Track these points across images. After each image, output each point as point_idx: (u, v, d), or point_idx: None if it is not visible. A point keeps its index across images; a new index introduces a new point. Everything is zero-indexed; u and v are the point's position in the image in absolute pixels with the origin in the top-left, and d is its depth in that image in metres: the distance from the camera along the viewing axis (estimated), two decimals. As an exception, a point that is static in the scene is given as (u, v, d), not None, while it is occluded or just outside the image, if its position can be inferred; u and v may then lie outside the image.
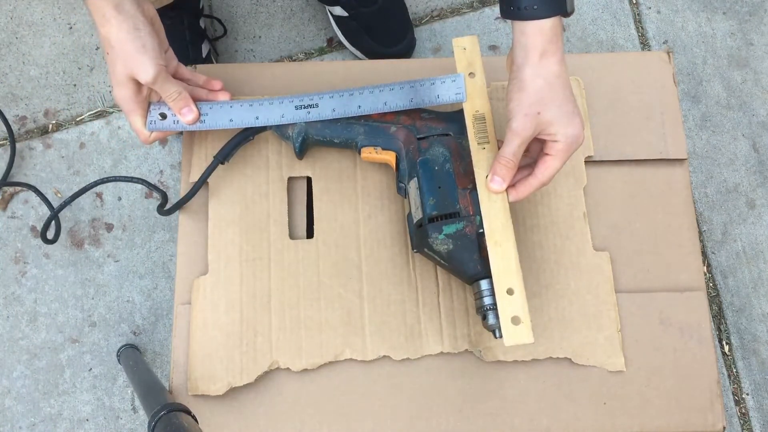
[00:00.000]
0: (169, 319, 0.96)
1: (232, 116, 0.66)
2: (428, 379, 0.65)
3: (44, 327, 0.96)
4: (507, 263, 0.58)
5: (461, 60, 0.64)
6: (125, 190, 1.01)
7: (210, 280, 0.67)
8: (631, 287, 0.68)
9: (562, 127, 0.57)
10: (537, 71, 0.57)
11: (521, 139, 0.57)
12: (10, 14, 1.08)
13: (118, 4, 0.59)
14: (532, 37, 0.57)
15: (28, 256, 0.99)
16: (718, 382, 0.66)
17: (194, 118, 0.65)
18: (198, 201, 0.70)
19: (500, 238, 0.59)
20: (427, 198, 0.62)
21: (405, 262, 0.68)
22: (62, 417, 0.93)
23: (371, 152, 0.67)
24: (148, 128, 0.65)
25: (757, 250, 1.03)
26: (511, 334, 0.56)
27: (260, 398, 0.65)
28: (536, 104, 0.57)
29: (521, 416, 0.65)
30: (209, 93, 0.68)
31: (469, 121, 0.63)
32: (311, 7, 1.11)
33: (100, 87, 1.06)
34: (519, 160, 0.59)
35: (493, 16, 1.11)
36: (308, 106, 0.65)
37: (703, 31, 1.12)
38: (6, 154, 1.01)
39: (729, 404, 0.97)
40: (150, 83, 0.61)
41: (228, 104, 0.67)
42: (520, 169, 0.60)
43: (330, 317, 0.66)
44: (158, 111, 0.65)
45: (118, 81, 0.62)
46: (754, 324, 1.00)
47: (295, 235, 0.69)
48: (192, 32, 0.99)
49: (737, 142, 1.07)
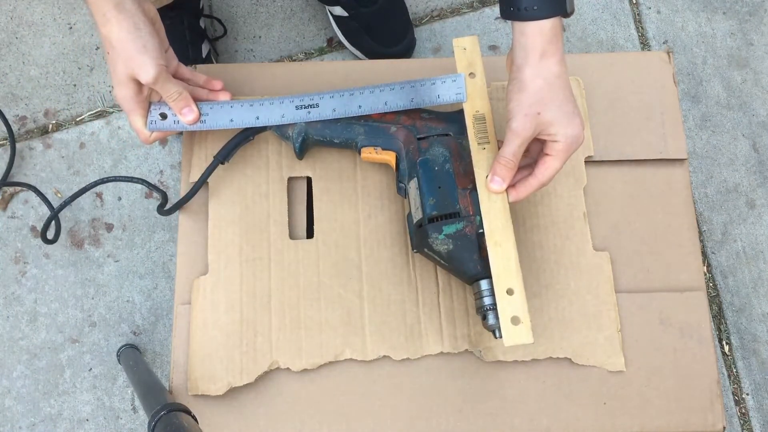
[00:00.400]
0: (169, 319, 0.96)
1: (232, 116, 0.66)
2: (428, 379, 0.65)
3: (44, 327, 0.96)
4: (507, 263, 0.58)
5: (461, 60, 0.64)
6: (125, 190, 1.01)
7: (210, 280, 0.67)
8: (631, 287, 0.68)
9: (562, 127, 0.57)
10: (537, 72, 0.57)
11: (521, 139, 0.57)
12: (10, 14, 1.08)
13: (119, 3, 0.59)
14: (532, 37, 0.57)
15: (28, 256, 0.99)
16: (718, 382, 0.66)
17: (195, 118, 0.65)
18: (198, 201, 0.70)
19: (500, 238, 0.59)
20: (427, 198, 0.62)
21: (405, 262, 0.68)
22: (62, 417, 0.93)
23: (371, 152, 0.67)
24: (149, 128, 0.65)
25: (757, 250, 1.03)
26: (510, 334, 0.56)
27: (260, 398, 0.65)
28: (536, 104, 0.57)
29: (521, 416, 0.65)
30: (210, 93, 0.68)
31: (469, 122, 0.63)
32: (311, 7, 1.11)
33: (100, 87, 1.06)
34: (519, 161, 0.59)
35: (493, 16, 1.11)
36: (309, 106, 0.65)
37: (703, 31, 1.12)
38: (6, 154, 1.01)
39: (729, 404, 0.97)
40: (150, 83, 0.61)
41: (228, 104, 0.67)
42: (520, 169, 0.60)
43: (330, 317, 0.66)
44: (159, 111, 0.65)
45: (119, 81, 0.62)
46: (754, 324, 1.00)
47: (295, 235, 0.69)
48: (192, 32, 0.99)
49: (737, 142, 1.07)
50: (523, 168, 0.61)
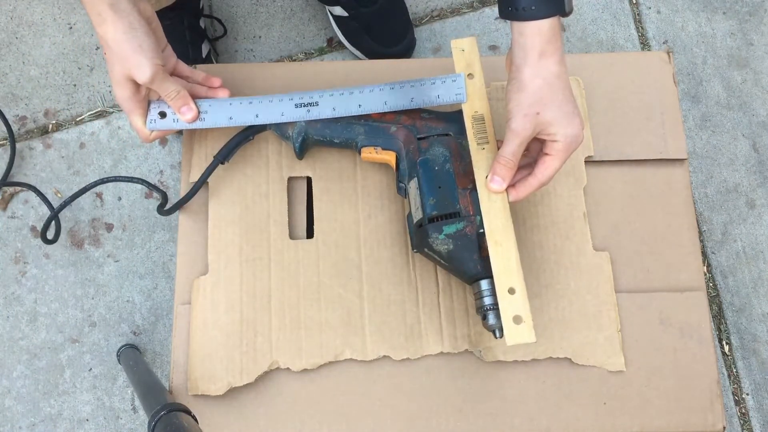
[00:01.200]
0: (169, 319, 0.96)
1: (231, 114, 0.66)
2: (428, 379, 0.65)
3: (44, 327, 0.96)
4: (508, 263, 0.58)
5: (460, 61, 0.64)
6: (125, 190, 1.01)
7: (210, 280, 0.67)
8: (631, 287, 0.68)
9: (561, 127, 0.57)
10: (536, 71, 0.57)
11: (521, 139, 0.57)
12: (10, 14, 1.08)
13: (114, 3, 0.58)
14: (531, 37, 0.57)
15: (28, 256, 0.99)
16: (718, 382, 0.66)
17: (194, 116, 0.65)
18: (198, 201, 0.70)
19: (501, 238, 0.59)
20: (427, 198, 0.62)
21: (405, 262, 0.68)
22: (62, 417, 0.93)
23: (371, 152, 0.67)
24: (148, 127, 0.65)
25: (757, 250, 1.03)
26: (512, 333, 0.56)
27: (260, 398, 0.65)
28: (535, 104, 0.57)
29: (521, 416, 0.65)
30: (209, 90, 0.68)
31: (468, 122, 0.63)
32: (311, 7, 1.11)
33: (100, 87, 1.06)
34: (519, 160, 0.59)
35: (493, 16, 1.11)
36: (308, 104, 0.65)
37: (703, 31, 1.12)
38: (6, 154, 1.01)
39: (729, 404, 0.97)
40: (147, 83, 0.61)
41: (227, 102, 0.66)
42: (519, 169, 0.60)
43: (330, 317, 0.66)
44: (158, 110, 0.65)
45: (117, 81, 0.62)
46: (754, 324, 1.00)
47: (295, 235, 0.69)
48: (192, 32, 0.99)
49: (737, 142, 1.07)
50: (522, 168, 0.61)
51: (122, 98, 0.63)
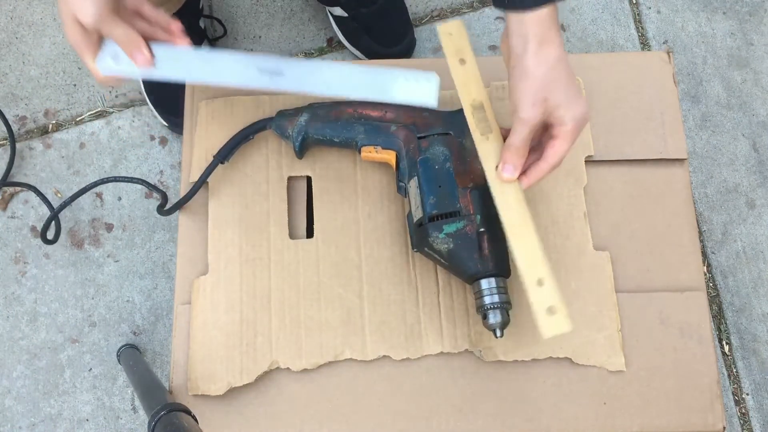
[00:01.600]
0: (169, 319, 0.96)
1: (188, 68, 0.62)
2: (428, 379, 0.65)
3: (44, 327, 0.96)
4: (532, 254, 0.56)
5: (449, 47, 0.61)
6: (125, 190, 1.01)
7: (210, 280, 0.67)
8: (631, 287, 0.68)
9: (569, 110, 0.57)
10: (539, 59, 0.56)
11: (530, 126, 0.57)
12: (10, 14, 1.08)
13: None
14: (531, 26, 0.56)
15: (28, 256, 0.99)
16: (718, 382, 0.66)
17: (144, 61, 0.60)
18: (198, 201, 0.70)
19: (520, 231, 0.56)
20: (428, 197, 0.62)
21: (405, 261, 0.68)
22: (62, 417, 0.93)
23: (371, 151, 0.67)
24: (99, 70, 0.61)
25: (757, 250, 1.03)
26: (548, 325, 0.54)
27: (260, 398, 0.65)
28: (542, 90, 0.56)
29: (521, 416, 0.65)
30: (168, 35, 0.63)
31: (467, 112, 0.60)
32: (311, 7, 1.11)
33: (100, 87, 1.06)
34: (528, 147, 0.58)
35: (493, 16, 1.11)
36: (272, 72, 0.61)
37: (703, 31, 1.12)
38: (6, 154, 1.01)
39: (729, 404, 0.97)
40: (92, 26, 0.57)
41: (186, 53, 0.62)
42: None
43: (330, 317, 0.66)
44: (111, 51, 0.61)
45: (65, 22, 0.58)
46: (754, 324, 1.00)
47: (295, 235, 0.69)
48: (192, 32, 0.99)
49: (737, 142, 1.07)
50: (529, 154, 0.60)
51: (72, 40, 0.59)
